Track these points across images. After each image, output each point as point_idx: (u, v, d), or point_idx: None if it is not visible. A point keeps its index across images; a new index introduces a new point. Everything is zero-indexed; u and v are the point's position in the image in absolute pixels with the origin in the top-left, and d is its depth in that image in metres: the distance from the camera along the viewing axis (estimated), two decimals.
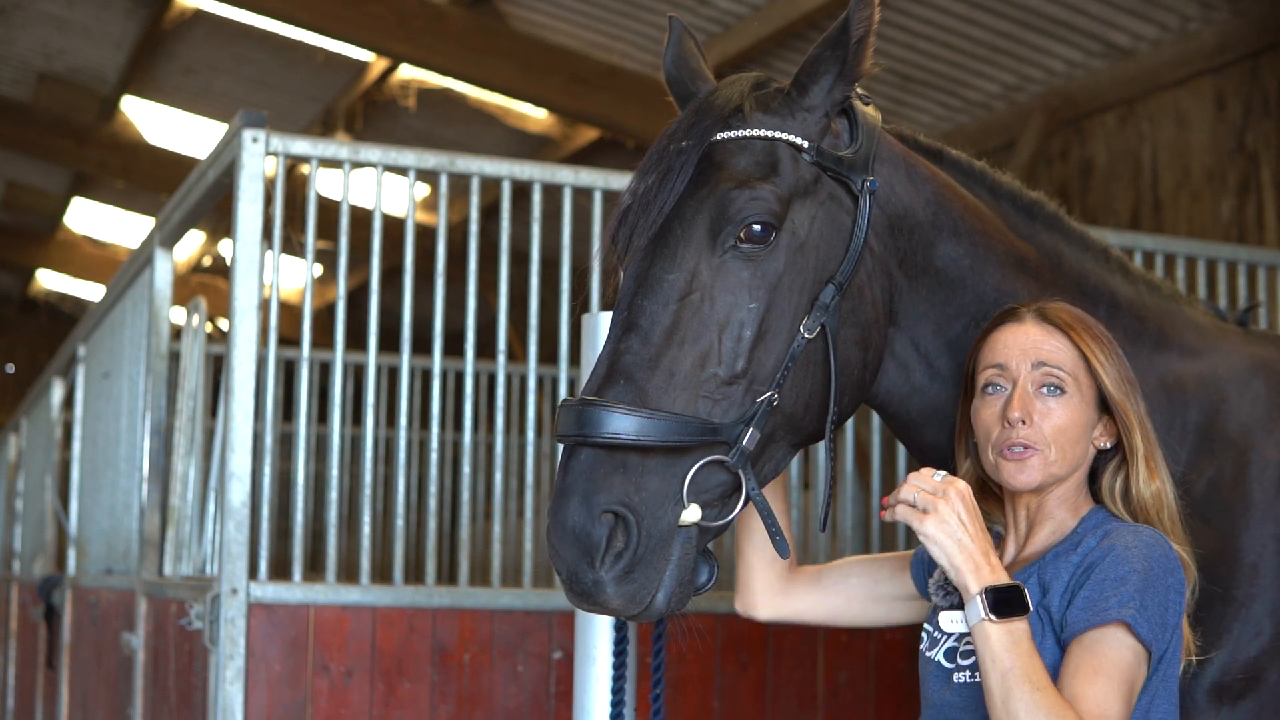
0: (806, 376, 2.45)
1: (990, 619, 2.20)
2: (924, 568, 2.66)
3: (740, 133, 2.49)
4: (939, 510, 2.25)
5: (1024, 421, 2.40)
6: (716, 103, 2.53)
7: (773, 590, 2.75)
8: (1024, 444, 2.40)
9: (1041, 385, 2.43)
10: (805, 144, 2.49)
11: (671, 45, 2.75)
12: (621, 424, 2.27)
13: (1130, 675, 2.25)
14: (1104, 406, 2.46)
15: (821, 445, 2.58)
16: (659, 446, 2.29)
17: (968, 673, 2.39)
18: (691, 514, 2.31)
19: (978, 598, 2.22)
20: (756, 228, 2.40)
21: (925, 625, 2.56)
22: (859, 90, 2.62)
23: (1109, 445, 2.47)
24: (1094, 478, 2.50)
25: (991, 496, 2.56)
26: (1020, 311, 2.51)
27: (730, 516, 2.38)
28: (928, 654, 2.50)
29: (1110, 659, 2.24)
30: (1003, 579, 2.25)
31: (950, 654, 2.44)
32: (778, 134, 2.49)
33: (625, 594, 2.28)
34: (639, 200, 2.46)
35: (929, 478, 2.29)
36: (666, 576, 2.30)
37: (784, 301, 2.42)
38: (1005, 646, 2.19)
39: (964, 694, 2.39)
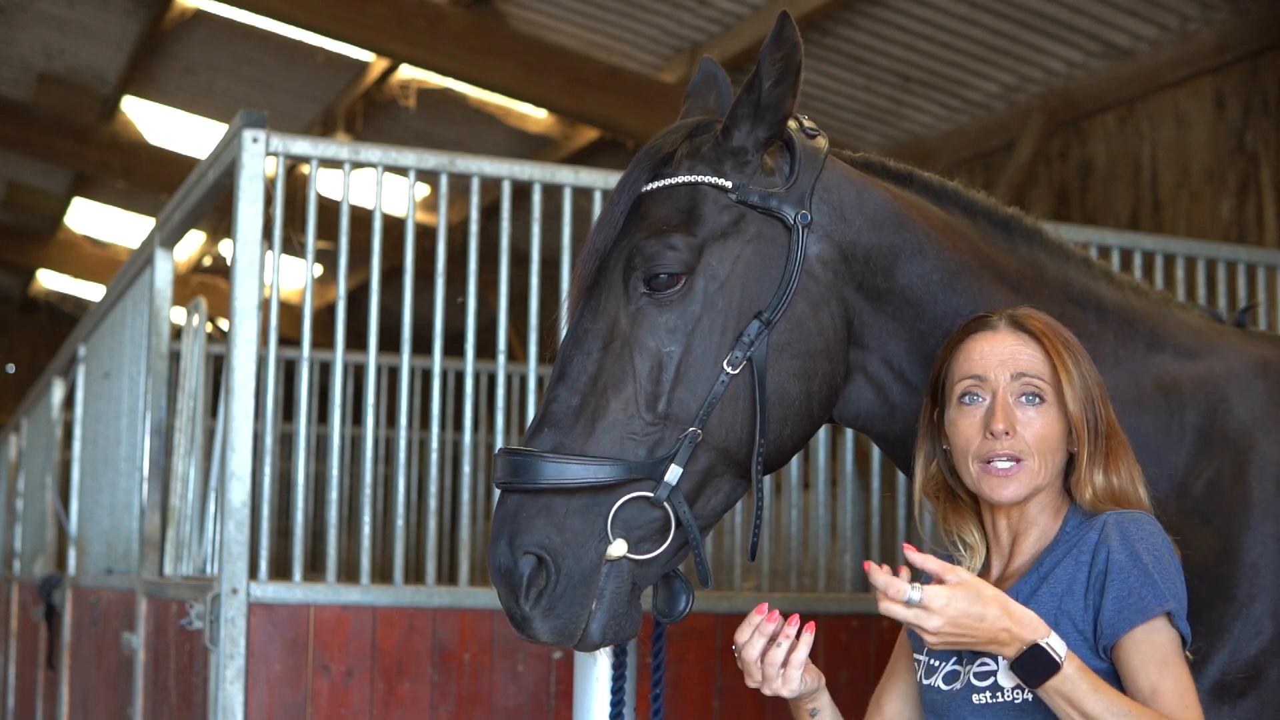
0: (736, 412, 2.52)
1: (1065, 668, 2.19)
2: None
3: (666, 181, 2.60)
4: (930, 627, 2.18)
5: (1008, 433, 2.39)
6: (651, 152, 2.64)
7: None
8: (1009, 455, 2.39)
9: (1021, 395, 2.42)
10: (729, 185, 2.56)
11: (694, 83, 2.89)
12: (541, 471, 2.43)
13: (1185, 662, 2.30)
14: None
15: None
16: (578, 488, 2.43)
17: (988, 694, 2.36)
18: (617, 548, 2.44)
19: (1043, 651, 2.20)
20: (662, 275, 2.51)
21: (916, 656, 2.55)
22: (806, 122, 2.69)
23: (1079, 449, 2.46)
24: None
25: (963, 507, 2.53)
26: (992, 320, 2.49)
27: (662, 549, 2.48)
28: (926, 681, 2.48)
29: (1169, 649, 2.28)
30: (1040, 628, 2.21)
31: (950, 677, 2.42)
32: (701, 178, 2.58)
33: (551, 628, 2.45)
34: (584, 254, 2.61)
35: (900, 601, 2.18)
36: (598, 610, 2.45)
37: (704, 342, 2.51)
38: (1090, 688, 2.19)
39: (990, 714, 2.37)
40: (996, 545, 2.51)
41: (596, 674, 2.89)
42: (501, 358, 4.50)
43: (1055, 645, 2.20)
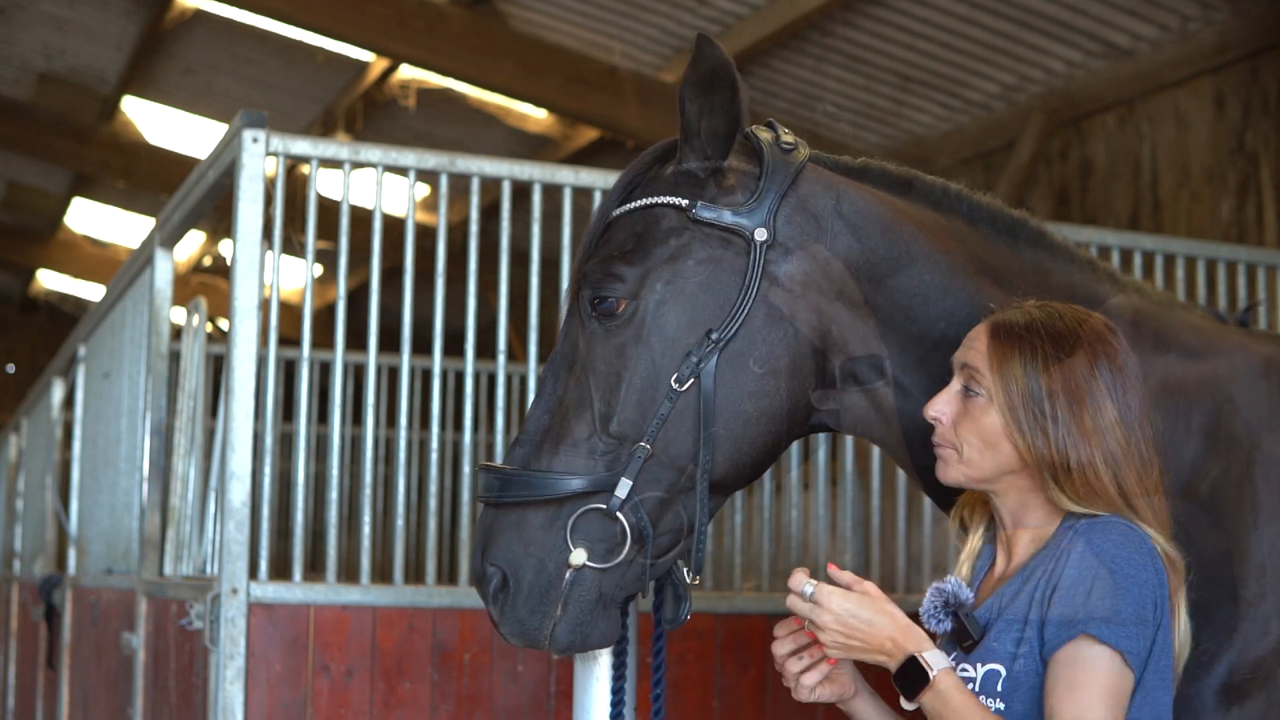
0: (685, 430, 2.56)
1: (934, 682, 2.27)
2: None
3: (630, 205, 2.67)
4: (821, 623, 2.33)
5: (938, 419, 2.45)
6: (625, 174, 2.71)
7: None
8: (939, 441, 2.46)
9: (965, 386, 2.45)
10: (684, 204, 2.60)
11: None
12: (505, 486, 2.58)
13: (1111, 683, 2.25)
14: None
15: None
16: (539, 501, 2.56)
17: (998, 699, 2.36)
18: (577, 557, 2.55)
19: (917, 663, 2.28)
20: (606, 301, 2.59)
21: None
22: (785, 136, 2.68)
23: None
24: None
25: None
26: (997, 310, 2.53)
27: (619, 559, 2.55)
28: None
29: (1085, 670, 2.24)
30: (922, 643, 2.30)
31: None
32: (658, 199, 2.63)
33: (515, 632, 2.59)
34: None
35: (798, 593, 2.36)
36: (562, 616, 2.56)
37: (652, 362, 2.57)
38: (957, 706, 2.25)
39: None
40: (1003, 537, 2.51)
41: (596, 674, 2.89)
42: (501, 358, 4.50)
43: (931, 660, 2.27)
